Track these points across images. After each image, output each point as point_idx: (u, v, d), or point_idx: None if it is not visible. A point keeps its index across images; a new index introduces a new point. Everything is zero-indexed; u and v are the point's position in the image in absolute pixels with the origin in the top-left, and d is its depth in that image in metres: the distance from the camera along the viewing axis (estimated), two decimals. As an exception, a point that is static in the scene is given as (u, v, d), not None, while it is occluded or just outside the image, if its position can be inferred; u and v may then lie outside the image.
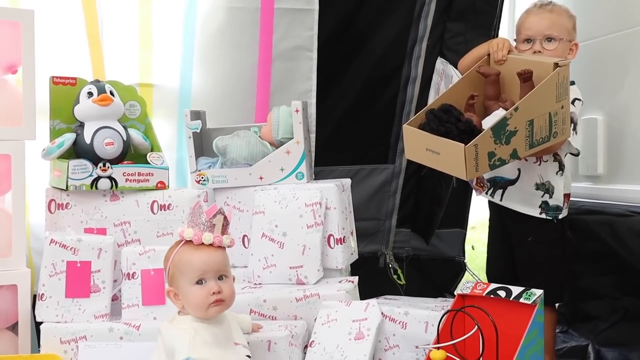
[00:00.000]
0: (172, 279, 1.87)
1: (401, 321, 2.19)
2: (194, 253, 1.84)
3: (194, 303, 1.83)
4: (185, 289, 1.84)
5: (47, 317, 2.19)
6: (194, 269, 1.83)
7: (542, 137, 2.19)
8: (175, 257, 1.86)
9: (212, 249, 1.85)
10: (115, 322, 2.19)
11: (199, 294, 1.83)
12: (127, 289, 2.23)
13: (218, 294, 1.83)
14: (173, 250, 1.88)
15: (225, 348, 1.84)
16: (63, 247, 2.20)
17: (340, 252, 2.44)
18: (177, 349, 1.77)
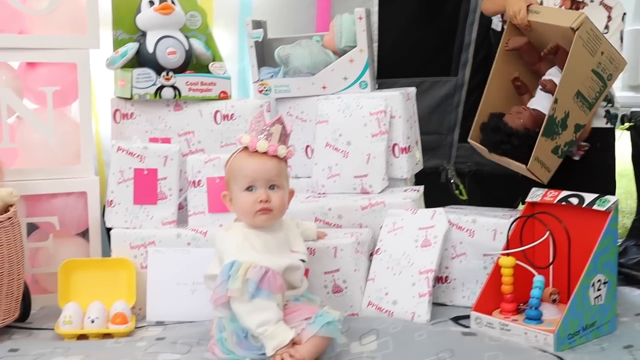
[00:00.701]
0: (227, 183, 1.89)
1: (469, 229, 2.18)
2: (247, 159, 1.84)
3: (242, 209, 1.84)
4: (236, 194, 1.85)
5: (116, 223, 2.23)
6: (244, 174, 1.83)
7: (597, 91, 2.14)
8: (231, 162, 1.87)
9: (266, 158, 1.84)
10: (182, 229, 2.22)
11: (247, 200, 1.83)
12: (193, 196, 2.25)
13: (265, 202, 1.82)
14: (231, 156, 1.90)
15: (277, 254, 1.83)
16: (130, 154, 2.22)
17: (405, 162, 2.42)
18: (225, 253, 1.80)
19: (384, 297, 2.11)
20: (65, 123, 2.33)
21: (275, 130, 1.84)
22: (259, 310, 1.72)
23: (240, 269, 1.73)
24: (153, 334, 2.01)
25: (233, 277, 1.72)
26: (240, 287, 1.71)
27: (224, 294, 1.73)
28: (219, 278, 1.75)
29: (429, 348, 1.80)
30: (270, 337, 1.71)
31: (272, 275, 1.75)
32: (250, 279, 1.72)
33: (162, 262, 2.16)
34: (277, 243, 1.87)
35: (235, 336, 1.78)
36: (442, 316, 2.07)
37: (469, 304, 2.08)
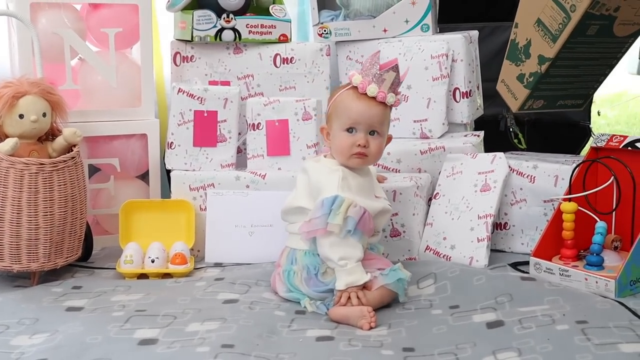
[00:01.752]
0: (328, 118, 1.86)
1: (529, 175, 2.14)
2: (354, 100, 1.80)
3: (338, 148, 1.82)
4: (335, 131, 1.83)
5: (176, 165, 2.24)
6: (348, 115, 1.80)
7: (560, 22, 2.04)
8: (337, 98, 1.84)
9: (374, 103, 1.80)
10: (241, 172, 2.23)
11: (345, 140, 1.81)
12: (252, 139, 2.25)
13: (363, 147, 1.80)
14: (338, 90, 1.86)
15: (368, 198, 1.83)
16: (190, 96, 2.22)
17: (466, 106, 2.39)
18: (325, 186, 1.78)
19: (442, 241, 2.10)
20: (126, 65, 2.33)
21: (388, 77, 1.80)
22: (346, 246, 1.73)
23: (342, 205, 1.72)
24: (212, 275, 2.03)
25: (335, 212, 1.71)
26: (341, 223, 1.71)
27: (322, 227, 1.73)
28: (317, 210, 1.74)
29: (488, 292, 1.78)
30: (347, 273, 1.72)
31: (368, 217, 1.76)
32: (351, 217, 1.72)
33: (221, 204, 2.17)
34: (368, 186, 1.87)
35: (306, 271, 1.79)
36: (501, 262, 2.04)
37: (527, 251, 2.05)
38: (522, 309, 1.66)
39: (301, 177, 1.88)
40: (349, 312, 1.70)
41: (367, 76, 1.80)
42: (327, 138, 1.87)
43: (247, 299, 1.82)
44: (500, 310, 1.68)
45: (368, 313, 1.67)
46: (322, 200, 1.74)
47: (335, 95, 1.85)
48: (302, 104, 2.23)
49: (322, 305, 1.77)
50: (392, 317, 1.73)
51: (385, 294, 1.76)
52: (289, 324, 1.68)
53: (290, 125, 2.23)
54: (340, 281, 1.73)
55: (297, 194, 1.88)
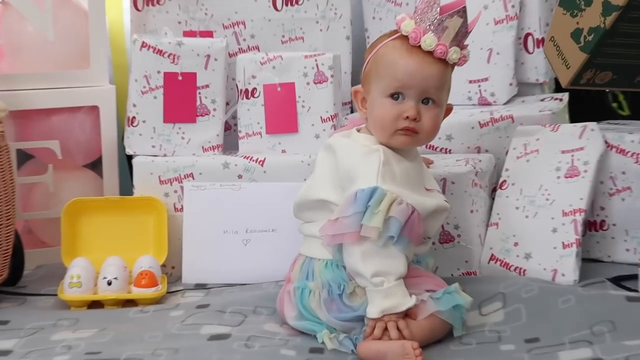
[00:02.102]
0: (366, 76, 1.85)
1: (635, 153, 2.12)
2: (402, 55, 1.78)
3: (378, 120, 1.80)
4: (374, 96, 1.82)
5: (140, 149, 2.24)
6: (394, 75, 1.78)
7: None
8: (380, 50, 1.82)
9: (430, 60, 1.78)
10: (231, 156, 2.22)
11: (389, 110, 1.79)
12: (245, 111, 2.24)
13: (413, 120, 1.79)
14: (382, 40, 1.84)
15: (417, 191, 1.82)
16: (159, 53, 2.21)
17: (543, 59, 2.38)
18: (360, 173, 1.76)
19: (513, 248, 2.08)
20: (68, 10, 2.32)
21: (452, 24, 1.77)
22: (385, 257, 1.72)
23: (383, 200, 1.70)
24: (192, 301, 2.02)
25: (372, 211, 1.70)
26: (380, 226, 1.70)
27: (354, 230, 1.70)
28: (348, 206, 1.72)
29: (580, 319, 1.76)
30: (384, 294, 1.70)
31: (417, 218, 1.74)
32: (394, 218, 1.70)
33: (204, 202, 2.17)
34: (417, 175, 1.86)
35: (327, 290, 1.78)
36: (597, 275, 2.02)
37: (635, 260, 2.03)
38: (629, 342, 1.64)
39: (325, 158, 1.86)
40: (386, 349, 1.67)
41: (422, 22, 1.77)
42: (363, 105, 1.85)
43: (242, 333, 1.80)
44: (599, 345, 1.65)
45: (412, 350, 1.64)
46: (355, 192, 1.72)
47: (377, 46, 1.83)
48: (313, 61, 2.22)
49: (348, 339, 1.75)
50: (446, 355, 1.71)
51: (436, 325, 1.74)
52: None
53: (297, 90, 2.22)
54: (374, 306, 1.71)
55: (317, 181, 1.86)
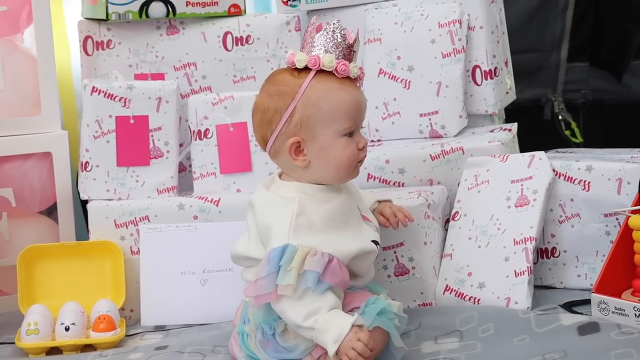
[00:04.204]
0: (303, 124, 1.78)
1: (582, 180, 2.14)
2: (342, 90, 1.79)
3: (340, 162, 1.80)
4: (327, 140, 1.79)
5: (94, 194, 2.24)
6: (347, 114, 1.79)
7: None
8: (309, 93, 1.78)
9: (355, 84, 1.82)
10: (186, 197, 2.23)
11: (348, 149, 1.80)
12: (198, 152, 2.25)
13: (363, 149, 1.82)
14: (300, 80, 1.80)
15: (344, 229, 1.81)
16: (110, 97, 2.22)
17: (491, 90, 2.40)
18: (274, 231, 1.76)
19: (467, 278, 2.10)
20: (16, 57, 2.33)
21: (357, 48, 1.83)
22: (308, 302, 1.71)
23: (295, 257, 1.70)
24: (151, 343, 2.02)
25: (285, 270, 1.69)
26: (294, 283, 1.69)
27: (272, 291, 1.70)
28: (263, 267, 1.72)
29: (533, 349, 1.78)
30: (323, 330, 1.69)
31: (338, 265, 1.74)
32: (309, 271, 1.70)
33: (160, 244, 2.17)
34: (347, 210, 1.85)
35: (260, 332, 1.79)
36: (550, 302, 2.04)
37: (587, 286, 2.05)
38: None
39: (249, 216, 1.87)
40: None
41: (336, 52, 1.79)
42: (298, 154, 1.81)
43: (201, 374, 1.81)
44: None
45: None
46: (268, 252, 1.73)
47: (301, 87, 1.79)
48: (264, 100, 2.24)
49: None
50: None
51: (376, 337, 1.72)
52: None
53: (249, 130, 2.23)
54: (327, 345, 1.70)
55: (244, 238, 1.88)
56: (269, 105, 1.81)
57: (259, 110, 1.83)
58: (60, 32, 2.54)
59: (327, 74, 1.79)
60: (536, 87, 3.32)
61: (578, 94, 3.37)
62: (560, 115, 3.33)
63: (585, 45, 3.30)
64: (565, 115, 3.33)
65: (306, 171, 1.82)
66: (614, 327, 1.81)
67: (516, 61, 2.65)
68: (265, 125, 1.82)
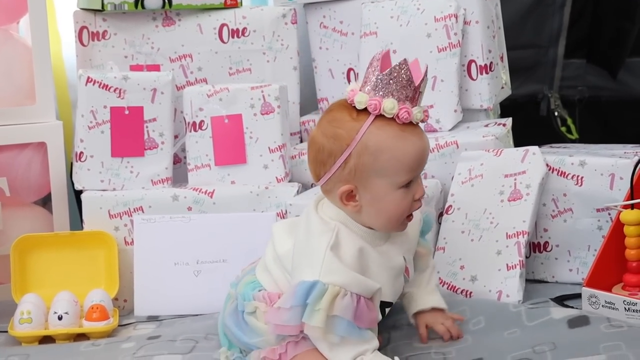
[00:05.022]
0: (356, 171, 1.65)
1: (575, 175, 2.15)
2: (404, 140, 1.65)
3: (391, 215, 1.69)
4: (380, 191, 1.66)
5: (88, 184, 2.25)
6: (407, 166, 1.65)
7: None
8: (367, 140, 1.64)
9: (419, 130, 1.68)
10: (180, 189, 2.24)
11: (403, 202, 1.68)
12: (193, 143, 2.27)
13: (418, 200, 1.71)
14: (358, 124, 1.66)
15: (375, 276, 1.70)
16: (105, 87, 2.23)
17: (486, 85, 2.41)
18: (305, 260, 1.67)
19: (459, 272, 2.11)
20: (11, 47, 2.34)
21: (423, 87, 1.68)
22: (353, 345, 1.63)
23: (324, 297, 1.60)
24: (144, 333, 2.03)
25: (313, 308, 1.60)
26: (323, 325, 1.59)
27: (296, 325, 1.62)
28: (289, 298, 1.62)
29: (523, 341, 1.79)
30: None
31: (365, 305, 1.64)
32: (339, 318, 1.61)
33: (154, 235, 2.18)
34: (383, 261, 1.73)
35: (236, 303, 1.79)
36: (541, 296, 2.05)
37: (579, 280, 2.06)
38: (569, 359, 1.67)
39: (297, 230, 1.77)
40: None
41: (400, 96, 1.64)
42: (350, 200, 1.68)
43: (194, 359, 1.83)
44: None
45: None
46: (296, 284, 1.63)
47: (359, 132, 1.65)
48: (259, 92, 2.25)
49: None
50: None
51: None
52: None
53: (244, 122, 2.25)
54: None
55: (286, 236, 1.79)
56: (324, 145, 1.67)
57: (314, 146, 1.69)
58: (50, 23, 2.53)
59: (388, 119, 1.64)
60: (533, 83, 3.33)
61: (574, 91, 3.37)
62: (556, 111, 3.33)
63: (582, 42, 3.31)
64: (561, 112, 3.33)
65: (355, 214, 1.70)
66: (603, 320, 1.82)
67: (513, 57, 2.66)
68: (319, 165, 1.69)
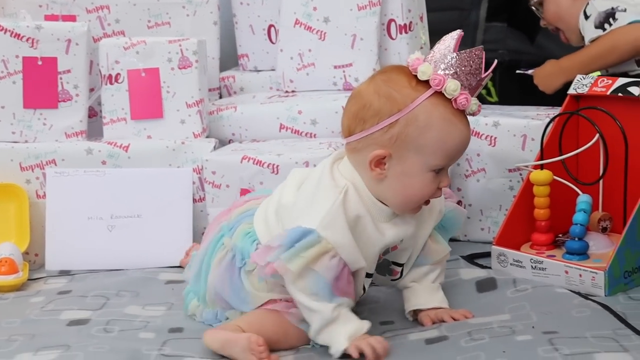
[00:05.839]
0: (397, 139, 1.59)
1: (488, 135, 2.18)
2: (454, 125, 1.61)
3: (412, 194, 1.63)
4: (413, 167, 1.61)
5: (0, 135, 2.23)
6: (447, 152, 1.61)
7: None
8: (420, 112, 1.59)
9: (468, 123, 1.64)
10: (94, 142, 2.23)
11: (429, 186, 1.63)
12: (109, 97, 2.26)
13: (440, 190, 1.66)
14: (415, 93, 1.60)
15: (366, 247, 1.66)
16: (16, 37, 2.20)
17: (405, 44, 2.41)
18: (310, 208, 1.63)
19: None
20: None
21: (486, 82, 1.65)
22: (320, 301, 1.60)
23: (314, 247, 1.57)
24: (54, 287, 2.02)
25: (296, 252, 1.57)
26: (295, 271, 1.56)
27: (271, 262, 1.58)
28: (279, 237, 1.60)
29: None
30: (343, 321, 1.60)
31: (347, 274, 1.61)
32: (319, 276, 1.57)
33: (67, 188, 2.17)
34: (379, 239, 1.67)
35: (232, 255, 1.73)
36: (452, 254, 2.00)
37: (490, 239, 2.08)
38: (473, 321, 1.70)
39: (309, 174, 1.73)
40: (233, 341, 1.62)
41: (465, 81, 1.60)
42: (379, 166, 1.62)
43: (102, 317, 1.82)
44: (444, 325, 1.70)
45: (257, 346, 1.59)
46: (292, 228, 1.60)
47: (408, 104, 1.59)
48: (177, 46, 2.24)
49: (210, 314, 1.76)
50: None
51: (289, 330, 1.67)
52: (159, 347, 1.67)
53: (162, 76, 2.24)
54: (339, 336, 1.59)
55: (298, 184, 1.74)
56: (372, 102, 1.60)
57: (359, 101, 1.63)
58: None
59: (445, 98, 1.59)
60: (454, 46, 3.35)
61: (495, 54, 3.37)
62: (476, 74, 3.35)
63: (503, 5, 3.33)
64: (481, 74, 3.35)
65: (375, 182, 1.64)
66: (510, 285, 1.85)
67: (435, 19, 2.66)
68: (358, 120, 1.62)
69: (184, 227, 2.16)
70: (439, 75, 1.57)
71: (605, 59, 2.30)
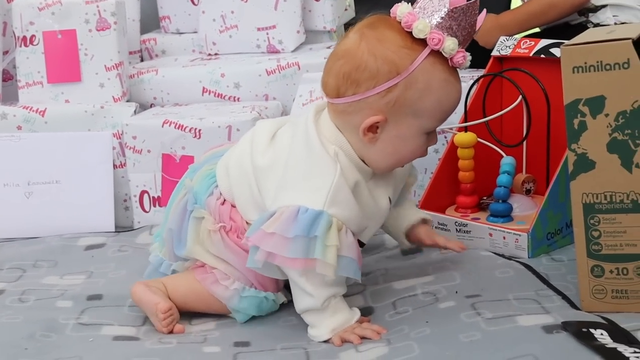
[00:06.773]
0: (395, 104, 1.51)
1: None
2: (451, 85, 1.54)
3: (403, 157, 1.58)
4: (410, 132, 1.54)
5: None
6: (441, 114, 1.55)
7: None
8: (419, 75, 1.51)
9: (460, 80, 1.57)
10: (9, 106, 2.21)
11: (421, 147, 1.57)
12: (23, 59, 2.24)
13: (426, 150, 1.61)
14: (413, 54, 1.51)
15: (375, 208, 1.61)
16: None
17: (330, 7, 2.43)
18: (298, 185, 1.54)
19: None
20: None
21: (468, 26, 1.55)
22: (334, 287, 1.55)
23: (331, 230, 1.49)
24: (-34, 257, 2.00)
25: (324, 242, 1.48)
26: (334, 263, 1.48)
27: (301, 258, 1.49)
28: (289, 224, 1.49)
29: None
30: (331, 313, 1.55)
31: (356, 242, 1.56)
32: (350, 259, 1.51)
33: (-20, 154, 2.15)
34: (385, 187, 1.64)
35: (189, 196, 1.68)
36: None
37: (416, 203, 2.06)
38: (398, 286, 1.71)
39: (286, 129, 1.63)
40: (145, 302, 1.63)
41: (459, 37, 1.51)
42: (374, 133, 1.54)
43: (18, 288, 1.80)
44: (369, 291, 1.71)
45: (161, 313, 1.59)
46: (297, 209, 1.50)
47: (410, 67, 1.50)
48: (95, 7, 2.22)
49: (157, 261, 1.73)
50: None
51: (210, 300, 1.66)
52: (77, 316, 1.67)
53: (79, 38, 2.22)
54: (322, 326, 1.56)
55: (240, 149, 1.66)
56: (367, 64, 1.50)
57: (351, 61, 1.52)
58: None
59: (442, 57, 1.51)
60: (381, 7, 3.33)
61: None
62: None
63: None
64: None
65: (362, 145, 1.56)
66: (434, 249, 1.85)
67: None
68: (351, 82, 1.51)
69: (105, 192, 2.15)
70: (437, 33, 1.49)
71: (544, 17, 2.33)
